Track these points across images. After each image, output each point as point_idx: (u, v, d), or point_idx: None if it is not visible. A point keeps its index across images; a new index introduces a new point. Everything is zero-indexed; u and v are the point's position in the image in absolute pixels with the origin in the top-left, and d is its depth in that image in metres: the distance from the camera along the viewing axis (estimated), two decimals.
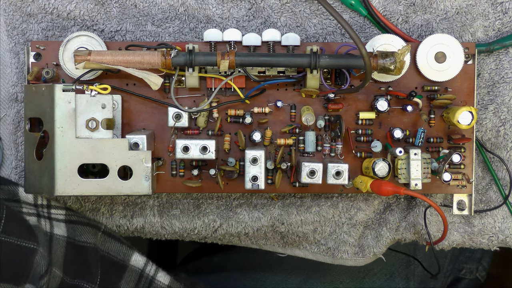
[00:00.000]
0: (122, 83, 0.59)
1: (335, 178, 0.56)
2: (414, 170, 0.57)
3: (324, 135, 0.60)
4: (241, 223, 0.64)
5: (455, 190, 0.61)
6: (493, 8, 0.62)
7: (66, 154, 0.54)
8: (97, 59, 0.55)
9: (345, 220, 0.64)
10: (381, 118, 0.60)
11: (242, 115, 0.60)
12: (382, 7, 0.61)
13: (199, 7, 0.61)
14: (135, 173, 0.55)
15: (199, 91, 0.60)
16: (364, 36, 0.62)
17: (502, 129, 0.62)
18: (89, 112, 0.55)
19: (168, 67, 0.56)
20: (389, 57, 0.55)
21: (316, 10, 0.62)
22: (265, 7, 0.61)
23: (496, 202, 0.64)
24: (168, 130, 0.60)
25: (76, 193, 0.55)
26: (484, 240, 0.65)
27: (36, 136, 0.56)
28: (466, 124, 0.57)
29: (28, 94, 0.56)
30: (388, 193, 0.56)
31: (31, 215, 0.55)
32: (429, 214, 0.63)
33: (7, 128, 0.62)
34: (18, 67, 0.61)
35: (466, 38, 0.62)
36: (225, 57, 0.55)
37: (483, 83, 0.62)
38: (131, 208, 0.64)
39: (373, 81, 0.59)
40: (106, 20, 0.61)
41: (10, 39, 0.61)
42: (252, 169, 0.56)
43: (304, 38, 0.61)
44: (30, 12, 0.61)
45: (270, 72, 0.59)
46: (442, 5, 0.61)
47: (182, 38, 0.61)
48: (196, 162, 0.60)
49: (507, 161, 0.63)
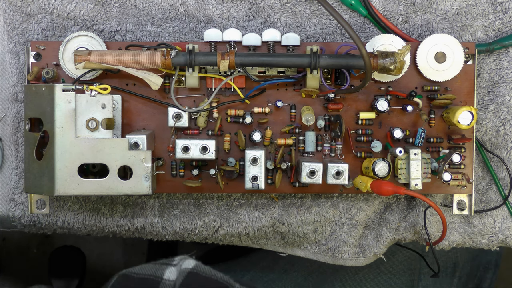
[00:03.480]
0: (122, 83, 0.59)
1: (335, 178, 0.56)
2: (414, 170, 0.57)
3: (324, 135, 0.60)
4: (241, 223, 0.64)
5: (455, 190, 0.61)
6: (493, 8, 0.62)
7: (66, 154, 0.54)
8: (97, 59, 0.55)
9: (346, 220, 0.64)
10: (381, 118, 0.60)
11: (242, 115, 0.60)
12: (382, 7, 0.61)
13: (199, 7, 0.61)
14: (135, 173, 0.55)
15: (199, 91, 0.60)
16: (364, 36, 0.62)
17: (502, 129, 0.62)
18: (89, 112, 0.55)
19: (168, 67, 0.56)
20: (389, 57, 0.55)
21: (316, 10, 0.62)
22: (265, 7, 0.61)
23: (496, 202, 0.64)
24: (168, 130, 0.60)
25: (76, 193, 0.55)
26: (484, 240, 0.65)
27: (36, 136, 0.56)
28: (466, 124, 0.57)
29: (28, 94, 0.56)
30: (388, 193, 0.56)
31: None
32: (429, 214, 0.63)
33: (7, 128, 0.62)
34: (18, 67, 0.61)
35: (466, 38, 0.62)
36: (225, 57, 0.55)
37: (483, 83, 0.62)
38: (131, 208, 0.64)
39: (373, 81, 0.59)
40: (106, 20, 0.61)
41: (10, 39, 0.61)
42: (252, 169, 0.56)
43: (304, 38, 0.61)
44: (30, 12, 0.61)
45: (270, 72, 0.59)
46: (442, 5, 0.61)
47: (182, 38, 0.61)
48: (196, 162, 0.60)
49: (507, 161, 0.63)
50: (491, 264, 0.87)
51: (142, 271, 0.42)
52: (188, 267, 0.41)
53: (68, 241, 1.12)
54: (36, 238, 1.16)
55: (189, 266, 0.41)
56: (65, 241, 1.13)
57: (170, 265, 0.42)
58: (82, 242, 1.10)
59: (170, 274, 0.41)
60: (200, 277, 0.40)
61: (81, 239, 1.10)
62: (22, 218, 0.63)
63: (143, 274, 0.42)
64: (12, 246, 1.15)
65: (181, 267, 0.41)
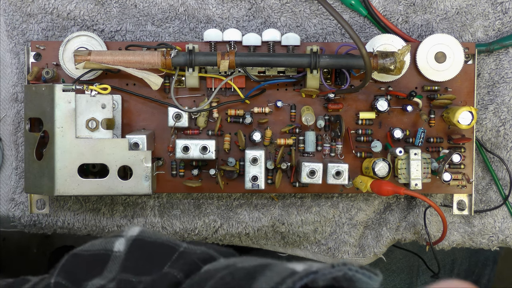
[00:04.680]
0: (122, 83, 0.59)
1: (335, 178, 0.56)
2: (414, 170, 0.56)
3: (324, 135, 0.60)
4: (241, 223, 0.64)
5: (455, 190, 0.61)
6: (493, 8, 0.62)
7: (66, 154, 0.54)
8: (97, 59, 0.55)
9: (346, 220, 0.64)
10: (381, 118, 0.60)
11: (242, 115, 0.60)
12: (382, 7, 0.61)
13: (199, 7, 0.61)
14: (135, 173, 0.55)
15: (199, 91, 0.60)
16: (364, 36, 0.62)
17: (502, 129, 0.62)
18: (89, 112, 0.55)
19: (168, 67, 0.56)
20: (389, 57, 0.55)
21: (316, 10, 0.62)
22: (265, 7, 0.61)
23: (496, 202, 0.64)
24: (168, 130, 0.60)
25: (76, 193, 0.55)
26: (484, 240, 0.65)
27: (36, 136, 0.56)
28: (466, 124, 0.57)
29: (28, 94, 0.56)
30: (388, 193, 0.56)
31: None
32: (429, 214, 0.63)
33: (7, 128, 0.62)
34: (18, 67, 0.61)
35: (466, 38, 0.62)
36: (225, 57, 0.55)
37: (483, 83, 0.62)
38: (131, 208, 0.64)
39: (373, 81, 0.59)
40: (106, 20, 0.61)
41: (10, 39, 0.61)
42: (252, 169, 0.56)
43: (304, 38, 0.61)
44: (30, 12, 0.61)
45: (270, 72, 0.59)
46: (442, 5, 0.61)
47: (182, 38, 0.61)
48: (196, 162, 0.60)
49: (507, 161, 0.63)
50: (489, 260, 0.87)
51: (92, 248, 0.41)
52: (133, 234, 0.40)
53: (68, 241, 1.12)
54: (36, 238, 1.16)
55: (134, 233, 0.40)
56: (65, 241, 1.12)
57: (119, 237, 0.41)
58: (82, 242, 1.09)
59: (119, 246, 0.40)
60: (144, 243, 0.39)
61: (81, 239, 1.10)
62: (22, 218, 0.63)
63: (93, 250, 0.40)
64: (12, 246, 1.15)
65: (127, 235, 0.40)
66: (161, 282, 0.35)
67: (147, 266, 0.38)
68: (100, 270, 0.39)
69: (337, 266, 0.31)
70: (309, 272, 0.31)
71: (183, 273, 0.36)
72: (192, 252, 0.39)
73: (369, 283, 0.32)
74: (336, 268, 0.31)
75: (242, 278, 0.33)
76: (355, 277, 0.32)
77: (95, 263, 0.40)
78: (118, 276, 0.37)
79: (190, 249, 0.39)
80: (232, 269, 0.34)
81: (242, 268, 0.34)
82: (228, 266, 0.35)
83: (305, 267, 0.32)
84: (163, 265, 0.38)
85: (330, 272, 0.31)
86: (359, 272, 0.32)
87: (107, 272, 0.39)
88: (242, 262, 0.35)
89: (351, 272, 0.32)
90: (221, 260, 0.37)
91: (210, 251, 0.39)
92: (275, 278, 0.31)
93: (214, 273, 0.34)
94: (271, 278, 0.32)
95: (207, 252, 0.39)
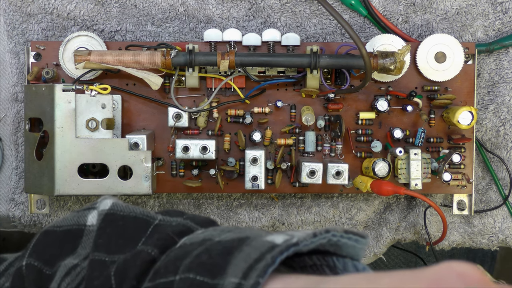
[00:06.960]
0: (122, 83, 0.59)
1: (335, 178, 0.56)
2: (414, 170, 0.56)
3: (324, 135, 0.60)
4: (241, 223, 0.64)
5: (455, 190, 0.61)
6: (493, 8, 0.62)
7: (66, 154, 0.54)
8: (97, 59, 0.55)
9: (346, 220, 0.64)
10: (381, 118, 0.60)
11: (242, 115, 0.60)
12: (382, 7, 0.61)
13: (199, 7, 0.61)
14: (135, 173, 0.55)
15: (199, 91, 0.60)
16: (364, 36, 0.62)
17: (502, 129, 0.62)
18: (89, 112, 0.55)
19: (168, 67, 0.56)
20: (389, 57, 0.55)
21: (316, 10, 0.62)
22: (265, 7, 0.61)
23: (496, 202, 0.64)
24: (168, 130, 0.60)
25: (76, 193, 0.55)
26: (484, 240, 0.65)
27: (36, 136, 0.56)
28: (466, 124, 0.57)
29: (28, 94, 0.56)
30: (388, 193, 0.56)
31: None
32: (429, 214, 0.63)
33: (7, 128, 0.62)
34: (18, 67, 0.61)
35: (466, 38, 0.62)
36: (225, 57, 0.55)
37: (483, 83, 0.62)
38: None
39: (373, 81, 0.59)
40: (106, 20, 0.61)
41: (10, 39, 0.61)
42: (252, 169, 0.56)
43: (304, 38, 0.61)
44: (30, 12, 0.61)
45: (270, 72, 0.59)
46: (442, 5, 0.61)
47: (182, 38, 0.61)
48: (196, 162, 0.60)
49: (507, 161, 0.63)
50: (487, 256, 0.87)
51: (64, 223, 0.39)
52: (104, 208, 0.38)
53: None
54: None
55: (106, 207, 0.38)
56: None
57: (92, 209, 0.39)
58: None
59: (92, 219, 0.37)
60: (116, 217, 0.37)
61: None
62: (22, 218, 0.63)
63: (66, 226, 0.38)
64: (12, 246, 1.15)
65: (99, 208, 0.38)
66: (135, 261, 0.34)
67: (120, 243, 0.36)
68: (73, 247, 0.38)
69: (319, 234, 0.30)
70: (289, 245, 0.29)
71: (158, 249, 0.34)
72: (167, 224, 0.37)
73: (355, 247, 0.31)
74: (319, 236, 0.30)
75: (219, 254, 0.31)
76: (340, 242, 0.30)
77: (68, 240, 0.38)
78: (90, 256, 0.35)
79: (165, 221, 0.37)
80: (208, 245, 0.32)
81: (219, 243, 0.32)
82: (205, 240, 0.33)
83: (285, 238, 0.30)
84: (137, 241, 0.36)
85: (313, 242, 0.30)
86: (344, 237, 0.30)
87: (80, 249, 0.37)
88: (219, 235, 0.33)
89: (335, 238, 0.30)
90: (198, 233, 0.35)
91: (187, 222, 0.37)
92: (253, 254, 0.29)
93: (190, 248, 0.32)
94: (249, 254, 0.29)
95: (183, 223, 0.36)
